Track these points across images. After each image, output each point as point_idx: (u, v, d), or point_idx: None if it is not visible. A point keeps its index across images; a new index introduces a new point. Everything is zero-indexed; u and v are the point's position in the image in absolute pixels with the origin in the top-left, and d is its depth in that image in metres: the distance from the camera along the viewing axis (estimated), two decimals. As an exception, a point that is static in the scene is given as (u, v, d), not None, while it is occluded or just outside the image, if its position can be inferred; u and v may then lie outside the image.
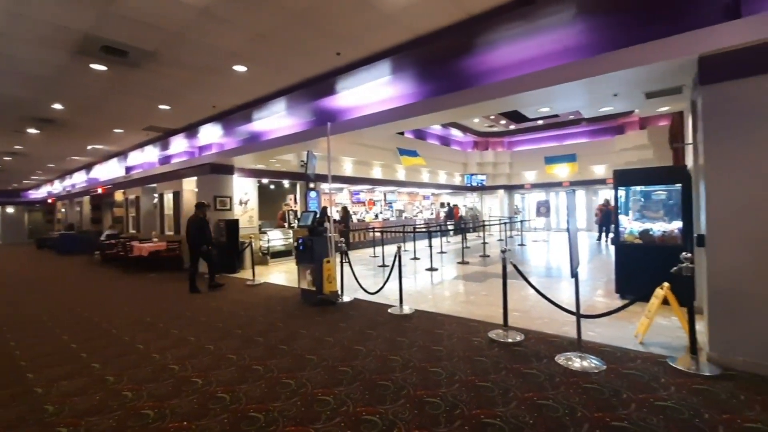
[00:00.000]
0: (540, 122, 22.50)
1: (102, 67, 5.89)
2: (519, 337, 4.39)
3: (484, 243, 13.27)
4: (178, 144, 11.49)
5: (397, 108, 6.37)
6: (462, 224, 19.58)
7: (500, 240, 16.28)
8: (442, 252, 13.18)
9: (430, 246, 10.83)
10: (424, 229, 16.47)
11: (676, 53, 3.66)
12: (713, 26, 3.46)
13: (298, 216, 12.75)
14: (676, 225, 5.83)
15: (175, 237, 12.27)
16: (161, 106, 8.07)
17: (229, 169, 11.13)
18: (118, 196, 17.65)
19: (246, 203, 11.88)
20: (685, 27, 3.60)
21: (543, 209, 19.64)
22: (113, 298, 7.65)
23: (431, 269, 9.51)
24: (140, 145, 12.28)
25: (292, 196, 15.36)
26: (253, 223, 12.04)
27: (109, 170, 16.51)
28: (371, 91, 6.55)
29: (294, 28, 4.85)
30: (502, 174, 24.53)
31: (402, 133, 19.94)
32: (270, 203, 16.01)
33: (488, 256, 12.03)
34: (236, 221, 10.54)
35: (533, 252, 13.28)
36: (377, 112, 6.64)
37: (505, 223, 16.76)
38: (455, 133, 24.05)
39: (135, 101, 7.70)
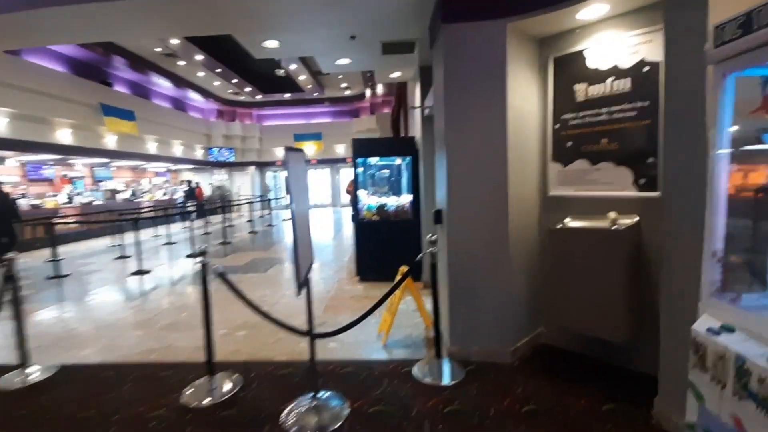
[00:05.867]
0: (287, 96, 21.72)
1: None
2: (234, 384, 2.85)
3: (229, 226, 11.23)
4: None
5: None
6: (205, 205, 16.65)
7: (249, 221, 14.53)
8: (169, 243, 10.23)
9: (156, 237, 7.91)
10: (150, 215, 12.89)
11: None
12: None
13: None
14: (407, 199, 5.69)
15: None
16: None
17: None
18: None
19: None
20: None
21: (293, 186, 19.07)
22: None
23: (140, 272, 6.78)
24: None
25: None
26: None
27: None
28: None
29: None
30: (252, 149, 22.51)
31: (110, 84, 14.69)
32: None
33: (230, 242, 10.10)
34: None
35: (283, 232, 12.27)
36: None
37: (253, 202, 15.14)
38: (194, 96, 20.12)
39: None
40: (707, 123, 1.70)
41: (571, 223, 2.99)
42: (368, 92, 20.10)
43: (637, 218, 2.75)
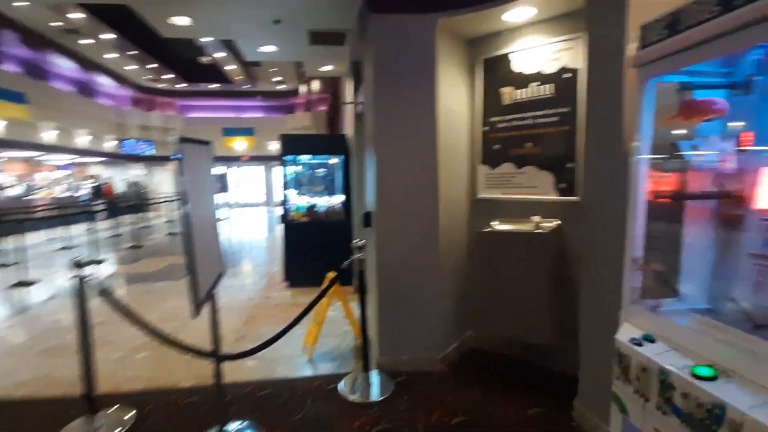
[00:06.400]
0: (215, 86, 20.29)
1: None
2: (124, 421, 2.40)
3: (144, 227, 10.09)
4: None
5: None
6: (116, 203, 14.90)
7: (169, 221, 13.22)
8: (66, 248, 8.90)
9: (51, 240, 6.74)
10: (45, 215, 11.18)
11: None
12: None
13: None
14: (338, 199, 5.47)
15: None
16: None
17: None
18: None
19: None
20: None
21: (220, 184, 17.83)
22: None
23: (23, 284, 5.73)
24: None
25: None
26: None
27: None
28: None
29: None
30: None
31: (-6, 63, 12.44)
32: None
33: (142, 246, 9.06)
34: None
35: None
36: None
37: (174, 200, 13.83)
38: (104, 81, 17.87)
39: None
40: (626, 129, 1.69)
41: (498, 226, 2.98)
42: (303, 88, 19.45)
43: (559, 222, 2.80)
